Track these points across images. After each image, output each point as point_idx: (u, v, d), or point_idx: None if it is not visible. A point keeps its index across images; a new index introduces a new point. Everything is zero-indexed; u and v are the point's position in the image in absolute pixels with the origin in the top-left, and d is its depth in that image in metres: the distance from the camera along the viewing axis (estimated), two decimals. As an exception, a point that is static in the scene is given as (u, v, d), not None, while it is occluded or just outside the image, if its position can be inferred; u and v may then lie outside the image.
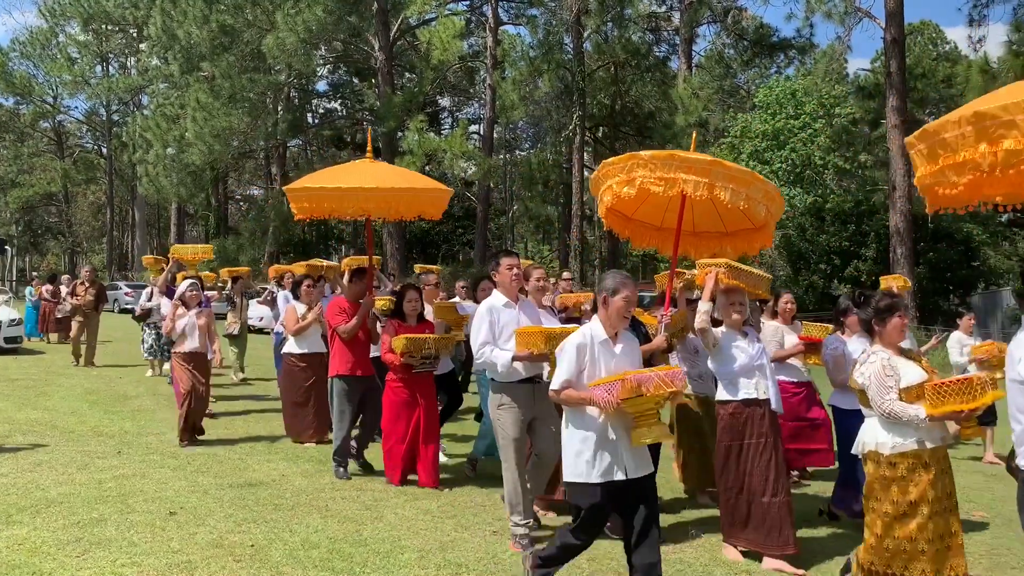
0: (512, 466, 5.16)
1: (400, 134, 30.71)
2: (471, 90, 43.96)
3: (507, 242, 46.95)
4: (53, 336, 18.16)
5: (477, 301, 6.78)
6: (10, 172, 48.07)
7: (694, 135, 6.52)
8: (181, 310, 8.04)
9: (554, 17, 32.69)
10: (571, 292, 8.77)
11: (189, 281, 8.32)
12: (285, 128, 34.42)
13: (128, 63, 46.06)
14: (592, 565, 4.90)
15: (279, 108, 36.57)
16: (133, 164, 37.77)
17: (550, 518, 5.94)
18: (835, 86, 26.51)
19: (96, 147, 52.58)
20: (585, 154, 34.53)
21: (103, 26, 42.23)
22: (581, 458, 4.09)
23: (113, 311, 28.34)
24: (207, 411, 8.65)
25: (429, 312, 7.31)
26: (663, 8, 35.98)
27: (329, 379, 7.16)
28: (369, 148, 7.53)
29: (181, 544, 4.92)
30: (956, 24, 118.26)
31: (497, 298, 5.38)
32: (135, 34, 42.29)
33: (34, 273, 29.51)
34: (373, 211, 6.84)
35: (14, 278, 51.72)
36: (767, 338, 6.69)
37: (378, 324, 7.66)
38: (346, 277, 11.40)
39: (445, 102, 46.76)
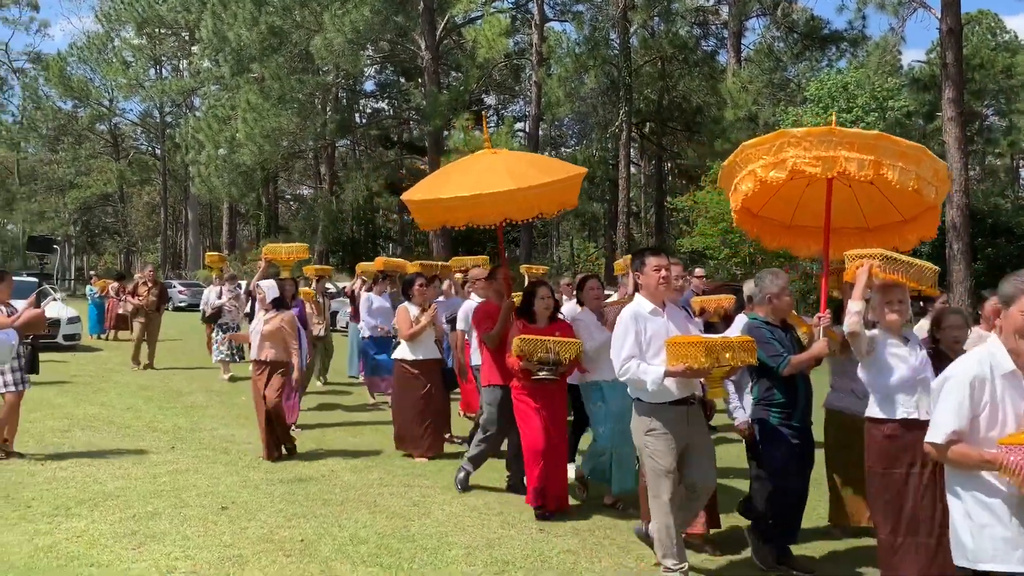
0: (663, 503, 4.43)
1: (446, 133, 30.82)
2: (516, 87, 43.98)
3: (552, 240, 46.89)
4: (123, 334, 17.83)
5: (581, 302, 6.25)
6: (69, 173, 49.38)
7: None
8: (263, 314, 7.42)
9: (600, 13, 32.54)
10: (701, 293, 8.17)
11: (267, 283, 7.64)
12: (333, 128, 34.80)
13: (180, 66, 47.01)
14: None
15: (327, 108, 37.01)
16: (186, 165, 38.55)
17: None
18: (888, 78, 25.92)
19: (150, 148, 53.74)
20: (632, 150, 34.29)
21: (156, 30, 43.15)
22: (989, 535, 3.02)
23: (168, 309, 28.92)
24: (292, 423, 8.16)
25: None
26: (711, 2, 35.62)
27: (483, 388, 6.49)
28: (486, 136, 6.78)
29: (233, 538, 5.00)
30: (1016, 13, 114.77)
31: (641, 304, 4.65)
32: (187, 37, 43.14)
33: (91, 272, 30.20)
34: (513, 213, 6.00)
35: (72, 276, 53.16)
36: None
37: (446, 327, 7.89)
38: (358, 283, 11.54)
39: (491, 100, 46.84)
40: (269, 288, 7.48)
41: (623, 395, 5.10)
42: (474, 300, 7.61)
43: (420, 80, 35.13)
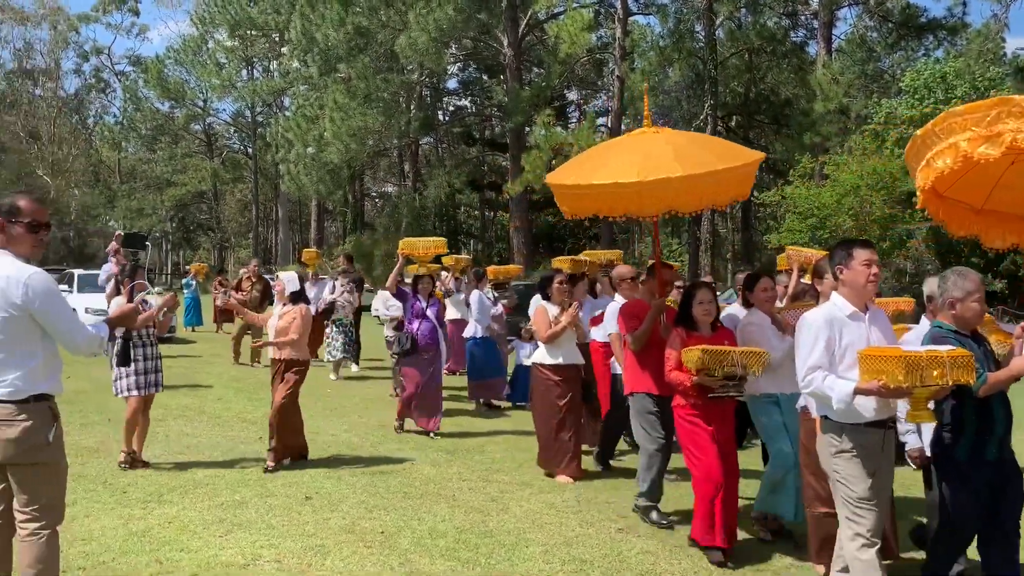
0: (874, 527, 3.79)
1: (527, 129, 30.84)
2: (599, 82, 43.70)
3: (635, 235, 46.45)
4: (229, 326, 17.76)
5: (748, 303, 5.52)
6: (166, 172, 51.37)
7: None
8: (279, 308, 6.98)
9: (685, 5, 32.03)
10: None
11: (288, 275, 7.18)
12: (417, 126, 35.23)
13: (271, 66, 48.31)
14: None
15: (411, 107, 37.47)
16: (276, 163, 39.60)
17: None
18: (990, 67, 24.76)
19: (242, 147, 55.42)
20: (717, 145, 33.63)
21: (248, 32, 44.43)
22: None
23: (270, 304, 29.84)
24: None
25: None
26: (800, -9, 34.63)
27: (629, 397, 5.87)
28: (647, 113, 5.85)
29: (315, 528, 5.11)
30: None
31: (839, 305, 3.95)
32: (277, 38, 44.31)
33: (187, 267, 31.32)
34: (680, 205, 5.23)
35: (168, 271, 55.30)
36: None
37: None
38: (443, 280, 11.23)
39: (572, 95, 46.67)
40: (289, 280, 7.02)
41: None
42: (620, 301, 6.86)
43: (502, 77, 35.26)
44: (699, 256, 32.17)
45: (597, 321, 7.59)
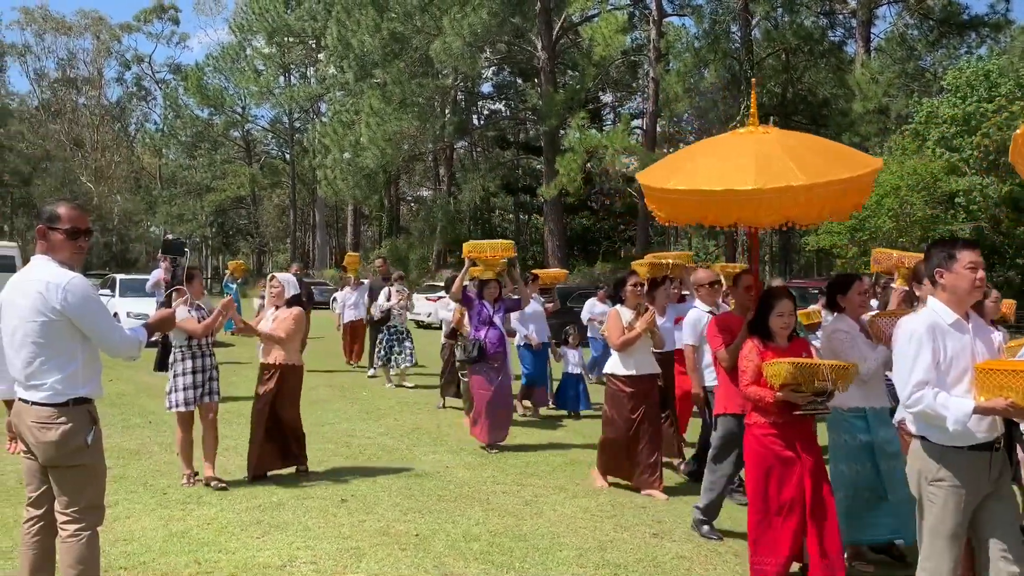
0: (943, 570, 3.43)
1: (562, 132, 30.84)
2: (633, 84, 43.54)
3: (670, 238, 46.18)
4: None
5: (835, 308, 5.05)
6: (205, 178, 52.19)
7: None
8: (272, 311, 6.58)
9: (720, 6, 31.82)
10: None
11: (286, 276, 6.75)
12: (452, 130, 35.42)
13: (308, 73, 48.89)
14: None
15: (446, 111, 37.68)
16: (313, 168, 40.04)
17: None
18: (1035, 64, 24.21)
19: (280, 153, 56.09)
20: (753, 146, 33.33)
21: (285, 39, 45.00)
22: None
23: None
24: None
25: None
26: (838, -10, 34.22)
27: (715, 417, 5.52)
28: (753, 109, 5.22)
29: (351, 530, 5.15)
30: None
31: (940, 312, 3.55)
32: (314, 45, 44.83)
33: (225, 271, 31.75)
34: (797, 215, 4.66)
35: (208, 276, 56.10)
36: None
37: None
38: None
39: (607, 98, 46.56)
40: (288, 282, 6.59)
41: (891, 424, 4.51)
42: (700, 307, 6.50)
43: (536, 80, 35.31)
44: (736, 259, 31.87)
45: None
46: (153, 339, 3.85)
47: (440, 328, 11.32)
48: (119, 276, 19.40)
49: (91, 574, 3.48)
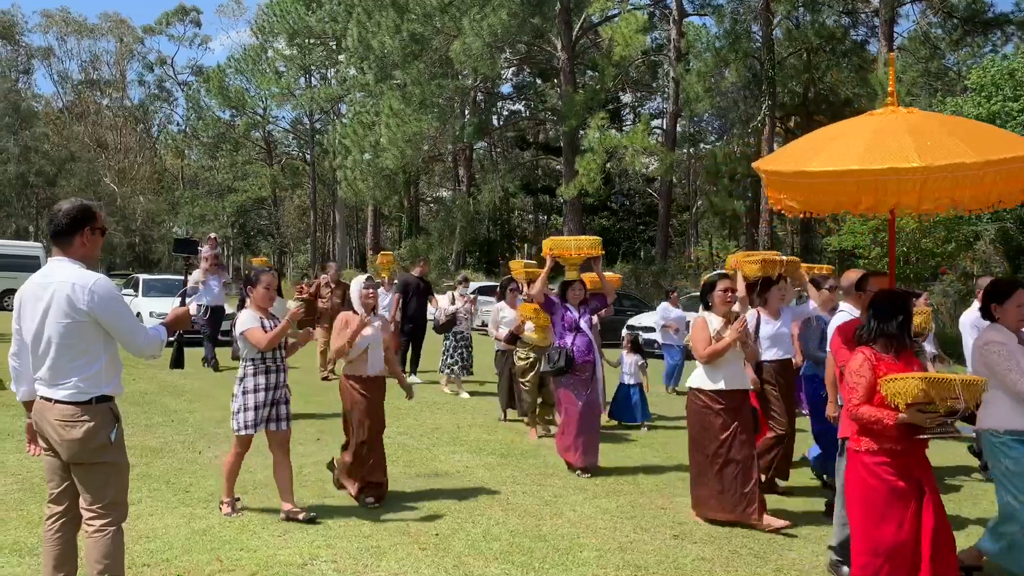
0: None
1: (581, 132, 30.80)
2: (654, 84, 43.41)
3: (690, 239, 45.99)
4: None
5: (991, 315, 4.50)
6: (227, 179, 52.59)
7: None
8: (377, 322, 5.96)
9: (741, 5, 31.62)
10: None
11: (359, 280, 6.11)
12: (471, 131, 35.44)
13: (328, 74, 49.10)
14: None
15: (466, 112, 37.72)
16: (333, 169, 40.22)
17: None
18: (1062, 63, 23.87)
19: (301, 154, 56.39)
20: (775, 145, 33.18)
21: (306, 40, 45.23)
22: None
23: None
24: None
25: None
26: (860, -12, 33.95)
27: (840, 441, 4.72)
28: (891, 87, 4.69)
29: (371, 529, 5.16)
30: None
31: None
32: (334, 46, 45.01)
33: (248, 273, 31.95)
34: (966, 199, 4.14)
35: (229, 276, 56.46)
36: None
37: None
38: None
39: (627, 98, 46.45)
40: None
41: None
42: (850, 311, 5.76)
43: (556, 80, 35.28)
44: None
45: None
46: (169, 338, 3.87)
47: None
48: (142, 276, 19.58)
49: (116, 569, 3.52)
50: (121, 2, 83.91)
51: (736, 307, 5.90)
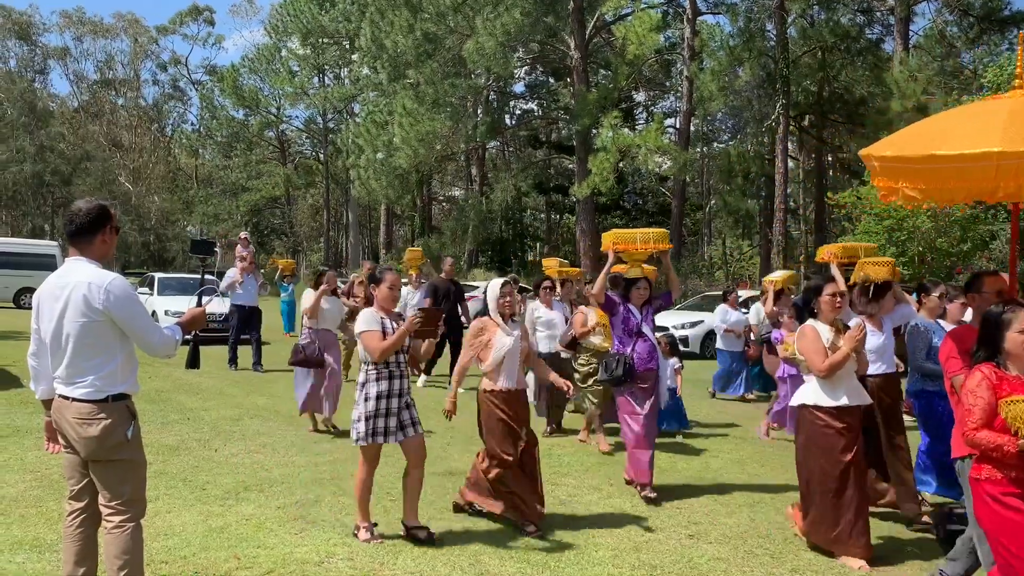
0: None
1: (594, 131, 30.76)
2: (667, 83, 43.34)
3: (704, 238, 45.86)
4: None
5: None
6: (241, 178, 52.82)
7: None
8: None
9: (755, 4, 31.50)
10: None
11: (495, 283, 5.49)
12: (484, 130, 35.46)
13: (341, 74, 49.23)
14: None
15: (478, 111, 37.74)
16: (347, 168, 40.33)
17: None
18: (1079, 60, 23.71)
19: (314, 154, 56.57)
20: (789, 144, 33.06)
21: (319, 40, 45.38)
22: None
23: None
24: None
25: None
26: (875, -14, 33.79)
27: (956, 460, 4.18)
28: (1020, 69, 4.41)
29: (387, 528, 5.17)
30: None
31: None
32: (347, 46, 45.14)
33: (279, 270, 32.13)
34: None
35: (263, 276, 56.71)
36: None
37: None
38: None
39: (640, 97, 46.38)
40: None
41: None
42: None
43: (569, 80, 35.25)
44: (771, 259, 31.55)
45: None
46: (186, 337, 3.90)
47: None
48: (157, 275, 19.69)
49: (135, 564, 3.55)
50: (135, 2, 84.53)
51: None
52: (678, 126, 35.60)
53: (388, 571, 4.48)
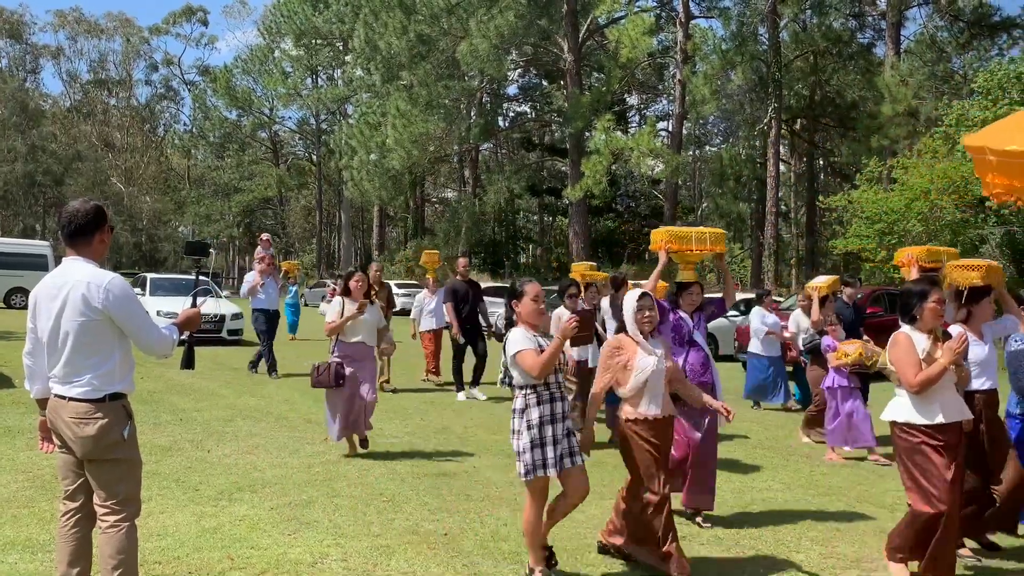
0: None
1: (588, 134, 30.84)
2: (660, 86, 43.49)
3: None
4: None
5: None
6: (233, 179, 52.77)
7: None
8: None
9: (748, 7, 31.67)
10: None
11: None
12: (477, 132, 35.52)
13: (335, 75, 49.26)
14: None
15: (472, 113, 37.80)
16: (339, 169, 40.34)
17: None
18: (1068, 66, 23.88)
19: (307, 154, 56.57)
20: (781, 147, 33.19)
21: (313, 41, 45.40)
22: None
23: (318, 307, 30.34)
24: None
25: None
26: (867, -9, 34.00)
27: None
28: None
29: (381, 529, 5.18)
30: None
31: None
32: (341, 47, 45.16)
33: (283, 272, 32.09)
34: None
35: (235, 276, 56.66)
36: None
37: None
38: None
39: (633, 100, 46.52)
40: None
41: None
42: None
43: (562, 82, 35.33)
44: (762, 262, 31.66)
45: None
46: (181, 338, 3.90)
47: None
48: (149, 275, 19.65)
49: (130, 564, 3.55)
50: (128, 2, 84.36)
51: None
52: (670, 129, 35.69)
53: (382, 571, 4.49)
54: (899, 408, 4.60)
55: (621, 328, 4.82)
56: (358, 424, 7.21)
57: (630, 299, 4.75)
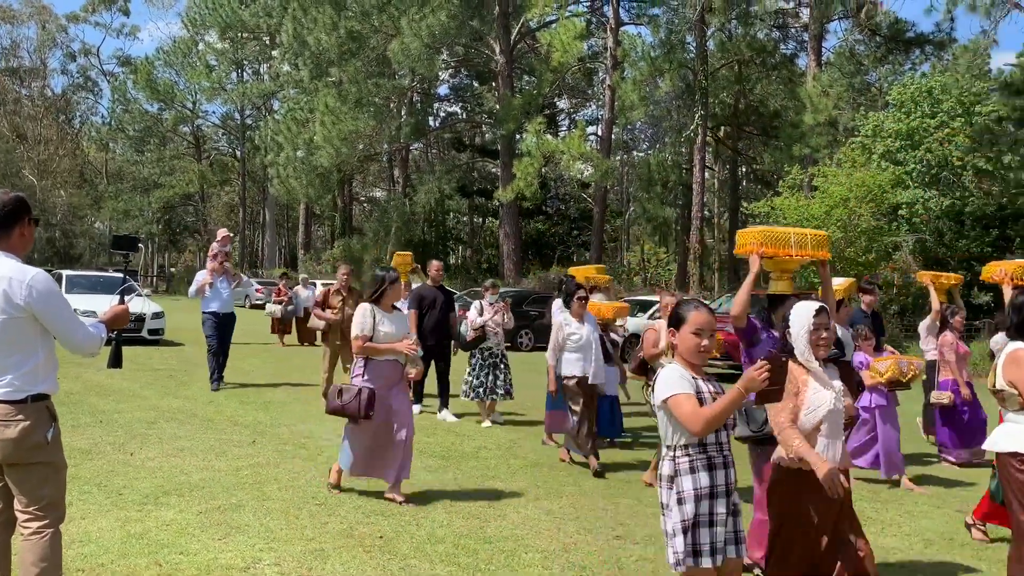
0: None
1: (519, 136, 30.95)
2: (590, 91, 43.97)
3: (623, 244, 46.59)
4: (296, 339, 17.85)
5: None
6: (153, 174, 51.15)
7: None
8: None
9: (676, 16, 32.25)
10: None
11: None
12: (408, 131, 35.29)
13: (261, 70, 48.27)
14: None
15: (402, 112, 37.53)
16: (265, 166, 39.58)
17: None
18: (975, 82, 25.05)
19: (231, 150, 55.27)
20: (706, 154, 33.89)
21: (239, 34, 44.43)
22: None
23: (244, 306, 29.73)
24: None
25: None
26: (791, 4, 34.97)
27: None
28: None
29: (314, 532, 5.09)
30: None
31: None
32: (268, 41, 44.30)
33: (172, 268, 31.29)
34: None
35: (155, 273, 55.04)
36: None
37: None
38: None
39: (563, 104, 46.89)
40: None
41: None
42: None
43: (493, 84, 35.40)
44: (687, 266, 32.28)
45: None
46: (108, 335, 3.76)
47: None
48: (65, 272, 18.87)
49: (53, 573, 3.40)
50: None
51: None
52: (600, 134, 36.14)
53: (316, 575, 4.42)
54: (1011, 436, 3.99)
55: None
56: (386, 466, 5.86)
57: (802, 314, 3.78)
